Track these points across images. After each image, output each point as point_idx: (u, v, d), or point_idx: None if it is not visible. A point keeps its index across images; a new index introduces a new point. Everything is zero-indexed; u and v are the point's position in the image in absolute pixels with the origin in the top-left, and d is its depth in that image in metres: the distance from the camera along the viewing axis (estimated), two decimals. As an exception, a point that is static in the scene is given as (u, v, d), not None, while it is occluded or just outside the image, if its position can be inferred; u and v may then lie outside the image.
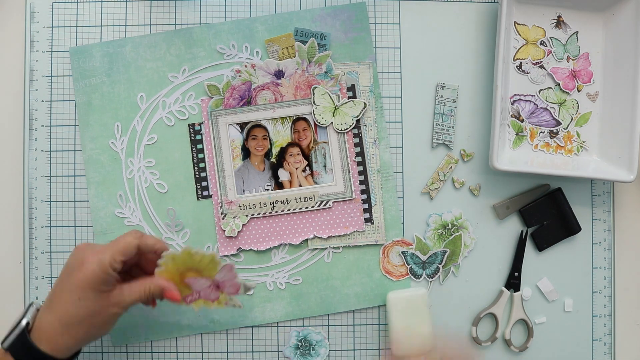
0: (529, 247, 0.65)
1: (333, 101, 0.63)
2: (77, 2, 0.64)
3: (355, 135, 0.64)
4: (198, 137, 0.64)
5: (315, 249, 0.64)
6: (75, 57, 0.64)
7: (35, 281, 0.64)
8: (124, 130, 0.64)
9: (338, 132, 0.64)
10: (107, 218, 0.63)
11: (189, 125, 0.64)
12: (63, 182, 0.64)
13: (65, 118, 0.64)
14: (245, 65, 0.63)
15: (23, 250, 0.64)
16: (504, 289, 0.64)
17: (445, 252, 0.64)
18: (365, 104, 0.63)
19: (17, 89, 0.65)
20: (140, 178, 0.64)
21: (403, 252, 0.64)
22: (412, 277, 0.64)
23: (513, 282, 0.65)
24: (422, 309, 0.61)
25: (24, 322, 0.52)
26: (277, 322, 0.64)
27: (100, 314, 0.52)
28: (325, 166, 0.64)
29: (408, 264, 0.64)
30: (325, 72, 0.63)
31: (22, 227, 0.64)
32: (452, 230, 0.64)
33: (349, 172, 0.64)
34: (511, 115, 0.64)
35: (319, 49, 0.63)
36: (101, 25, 0.64)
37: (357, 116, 0.63)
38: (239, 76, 0.63)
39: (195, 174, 0.64)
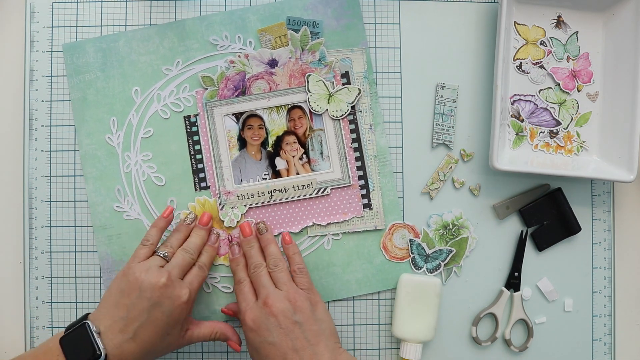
0: (529, 247, 0.65)
1: (327, 88, 0.63)
2: (77, 2, 0.64)
3: (350, 122, 0.64)
4: (194, 128, 0.64)
5: (315, 236, 0.64)
6: (69, 54, 0.64)
7: (35, 281, 0.64)
8: (120, 125, 0.64)
9: (333, 119, 0.64)
10: (105, 213, 0.63)
11: (184, 117, 0.64)
12: (63, 182, 0.64)
13: (65, 118, 0.64)
14: (239, 56, 0.63)
15: (23, 250, 0.64)
16: (504, 289, 0.64)
17: (451, 251, 0.64)
18: (359, 90, 0.63)
19: (17, 89, 0.65)
20: (138, 172, 0.64)
21: (410, 240, 0.64)
22: (413, 266, 0.64)
23: (513, 282, 0.65)
24: (432, 298, 0.62)
25: (102, 354, 0.53)
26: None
27: (175, 346, 0.57)
28: (322, 153, 0.64)
29: (412, 253, 0.64)
30: (319, 60, 0.64)
31: (22, 227, 0.64)
32: (454, 230, 0.64)
33: (346, 158, 0.64)
34: (511, 115, 0.64)
35: (311, 37, 0.63)
36: (101, 25, 0.64)
37: (352, 102, 0.63)
38: (233, 67, 0.63)
39: (192, 166, 0.64)
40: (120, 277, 0.56)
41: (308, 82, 0.63)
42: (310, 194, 0.64)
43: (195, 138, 0.64)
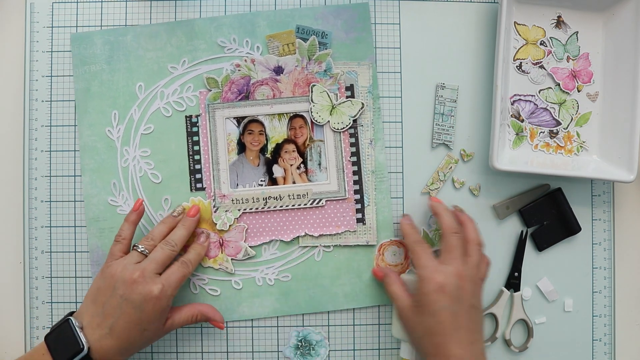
0: (529, 247, 0.65)
1: (331, 100, 0.63)
2: (77, 2, 0.64)
3: (351, 135, 0.64)
4: (194, 129, 0.64)
5: (306, 246, 0.64)
6: (76, 43, 0.64)
7: (35, 281, 0.64)
8: (121, 119, 0.64)
9: (334, 131, 0.64)
10: (99, 205, 0.63)
11: (186, 116, 0.64)
12: (63, 182, 0.64)
13: (65, 118, 0.64)
14: (245, 60, 0.63)
15: (23, 250, 0.64)
16: (504, 289, 0.64)
17: None
18: (363, 104, 0.63)
19: (17, 89, 0.65)
20: (135, 167, 0.64)
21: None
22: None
23: (513, 282, 0.65)
24: None
25: (85, 347, 0.54)
26: (277, 319, 0.64)
27: (155, 338, 0.58)
28: (320, 164, 0.64)
29: None
30: (325, 71, 0.63)
31: (22, 227, 0.64)
32: None
33: (344, 171, 0.64)
34: (511, 115, 0.64)
35: (319, 47, 0.63)
36: (101, 25, 0.64)
37: (355, 116, 0.63)
38: (239, 70, 0.63)
39: (190, 166, 0.64)
40: (99, 275, 0.58)
41: (312, 92, 0.63)
42: (305, 204, 0.63)
43: (195, 138, 0.64)
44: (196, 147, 0.64)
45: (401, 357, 0.62)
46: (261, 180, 0.64)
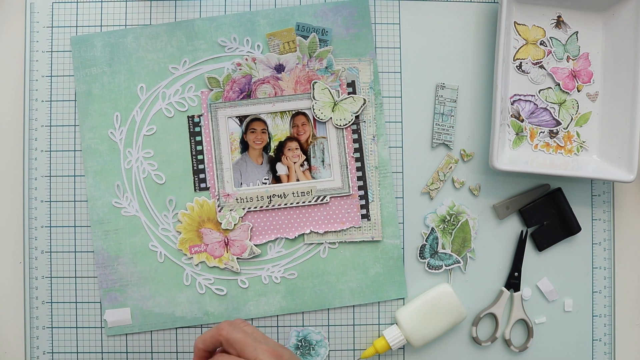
0: (529, 247, 0.65)
1: (333, 97, 0.63)
2: (77, 2, 0.64)
3: (354, 132, 0.64)
4: (197, 129, 0.64)
5: (312, 243, 0.64)
6: (77, 46, 0.64)
7: (35, 281, 0.64)
8: (123, 121, 0.64)
9: (337, 128, 0.64)
10: (103, 208, 0.63)
11: (188, 117, 0.64)
12: (63, 182, 0.64)
13: (65, 118, 0.64)
14: (246, 59, 0.63)
15: (23, 250, 0.64)
16: (504, 289, 0.64)
17: (458, 261, 0.64)
18: (364, 100, 0.63)
19: (17, 89, 0.65)
20: (138, 169, 0.64)
21: (432, 229, 0.64)
22: (418, 255, 0.64)
23: (513, 282, 0.65)
24: (448, 321, 0.62)
25: None
26: (277, 318, 0.64)
27: None
28: (323, 161, 0.64)
29: (426, 242, 0.64)
30: (326, 68, 0.64)
31: (22, 227, 0.64)
32: (452, 220, 0.64)
33: (347, 167, 0.64)
34: (511, 115, 0.64)
35: (320, 44, 0.63)
36: (101, 25, 0.64)
37: (357, 112, 0.63)
38: (240, 69, 0.63)
39: (193, 166, 0.64)
40: None
41: (314, 89, 0.63)
42: (310, 201, 0.64)
43: (198, 138, 0.64)
44: (199, 147, 0.64)
45: (382, 334, 0.62)
46: (265, 179, 0.64)
